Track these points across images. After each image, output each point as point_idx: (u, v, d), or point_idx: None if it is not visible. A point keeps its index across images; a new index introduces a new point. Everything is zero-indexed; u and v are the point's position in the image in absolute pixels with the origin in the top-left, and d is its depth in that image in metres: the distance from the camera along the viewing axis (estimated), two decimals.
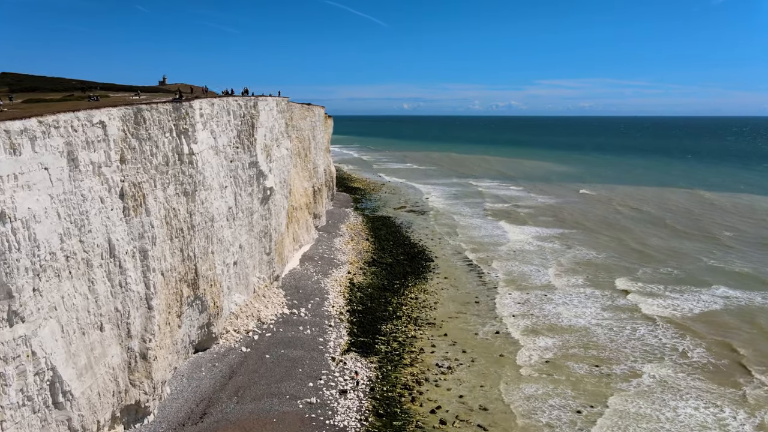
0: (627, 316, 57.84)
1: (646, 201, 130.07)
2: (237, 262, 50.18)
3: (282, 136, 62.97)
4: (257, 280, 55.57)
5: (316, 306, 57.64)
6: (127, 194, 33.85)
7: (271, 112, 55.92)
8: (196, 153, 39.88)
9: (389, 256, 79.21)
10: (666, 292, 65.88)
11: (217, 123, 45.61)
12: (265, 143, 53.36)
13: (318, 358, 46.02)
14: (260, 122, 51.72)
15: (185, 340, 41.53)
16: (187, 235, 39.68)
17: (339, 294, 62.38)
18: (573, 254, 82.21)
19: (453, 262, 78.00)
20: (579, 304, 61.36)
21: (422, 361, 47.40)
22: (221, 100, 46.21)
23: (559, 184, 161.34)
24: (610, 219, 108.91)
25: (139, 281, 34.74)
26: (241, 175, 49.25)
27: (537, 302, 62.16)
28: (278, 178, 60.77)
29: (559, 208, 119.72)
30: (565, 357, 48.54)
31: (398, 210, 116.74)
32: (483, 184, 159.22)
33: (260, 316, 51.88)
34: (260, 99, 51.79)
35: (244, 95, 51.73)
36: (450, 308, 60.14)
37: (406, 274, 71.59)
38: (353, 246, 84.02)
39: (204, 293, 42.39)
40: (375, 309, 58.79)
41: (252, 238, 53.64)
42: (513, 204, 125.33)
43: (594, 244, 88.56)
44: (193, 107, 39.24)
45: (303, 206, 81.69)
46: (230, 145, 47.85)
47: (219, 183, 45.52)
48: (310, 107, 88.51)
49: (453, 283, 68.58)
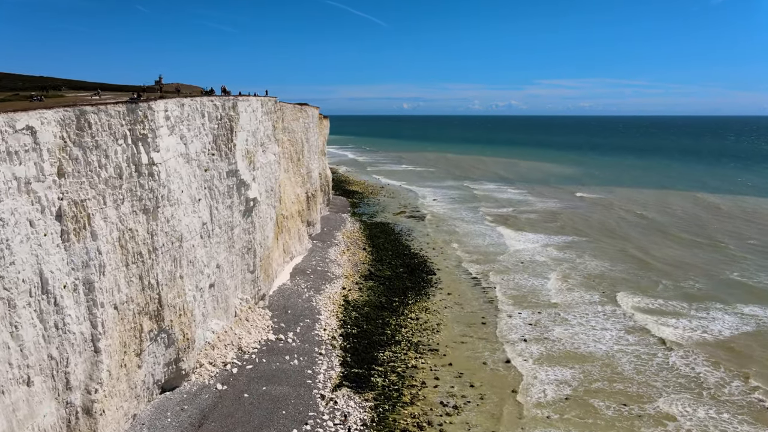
0: (652, 341, 51.41)
1: (647, 205, 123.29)
2: (214, 284, 43.84)
3: (269, 140, 56.61)
4: (239, 303, 49.21)
5: (306, 329, 51.27)
6: (66, 215, 27.48)
7: (255, 114, 49.55)
8: (159, 162, 33.51)
9: (388, 269, 72.81)
10: (691, 311, 59.49)
11: (189, 127, 39.26)
12: (246, 149, 46.99)
13: (305, 396, 39.66)
14: (240, 125, 45.36)
15: (148, 380, 35.17)
16: (147, 259, 33.33)
17: (332, 314, 56.02)
18: (583, 266, 75.82)
19: (456, 275, 71.62)
20: (597, 326, 54.99)
21: (424, 398, 41.02)
22: (193, 100, 39.84)
23: (557, 186, 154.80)
24: (614, 225, 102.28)
25: (83, 320, 28.38)
26: (218, 186, 42.86)
27: (549, 323, 55.82)
28: (264, 187, 54.41)
29: (560, 214, 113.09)
30: (588, 393, 42.12)
31: (397, 215, 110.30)
32: (482, 187, 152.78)
33: (241, 345, 45.48)
34: (240, 99, 45.41)
35: (222, 94, 45.35)
36: (454, 331, 53.77)
37: (406, 289, 65.20)
38: (349, 257, 77.66)
39: (171, 325, 36.04)
40: (371, 332, 52.44)
41: (233, 255, 47.29)
42: (513, 209, 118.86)
43: (603, 254, 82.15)
44: (153, 109, 32.86)
45: (295, 214, 75.33)
46: (205, 151, 41.48)
47: (190, 196, 39.18)
48: (303, 108, 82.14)
49: (457, 300, 62.20)
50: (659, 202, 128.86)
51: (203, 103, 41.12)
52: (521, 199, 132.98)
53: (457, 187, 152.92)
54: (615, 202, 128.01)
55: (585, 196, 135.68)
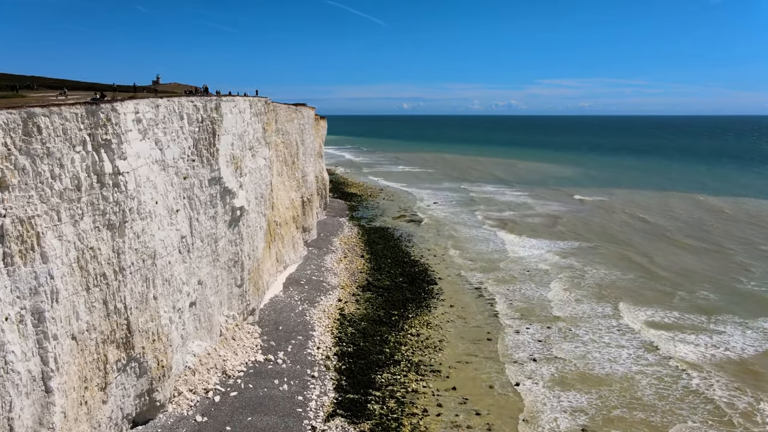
0: (672, 361, 47.20)
1: (649, 208, 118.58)
2: (195, 302, 39.75)
3: (259, 144, 52.52)
4: (225, 320, 45.12)
5: (298, 348, 47.15)
6: (9, 235, 23.38)
7: (242, 116, 45.45)
8: (126, 171, 29.41)
9: (387, 278, 68.68)
10: (709, 325, 55.44)
11: (165, 130, 35.17)
12: (232, 154, 42.88)
13: (294, 428, 35.48)
14: (225, 128, 41.26)
15: (116, 416, 31.05)
16: (113, 281, 29.22)
17: (326, 330, 51.93)
18: (590, 275, 71.64)
19: (458, 285, 67.50)
20: (611, 342, 50.89)
21: (426, 430, 36.94)
22: (170, 101, 35.75)
23: (556, 188, 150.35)
24: (616, 230, 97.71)
25: (31, 355, 24.28)
26: (199, 195, 38.75)
27: (560, 339, 51.74)
28: (253, 194, 50.32)
29: (562, 218, 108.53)
30: (607, 422, 37.95)
31: (397, 220, 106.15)
32: (481, 189, 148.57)
33: (226, 368, 41.36)
34: (224, 100, 41.27)
35: (203, 94, 41.22)
36: (458, 349, 49.66)
37: (406, 301, 61.08)
38: (346, 265, 73.54)
39: (143, 353, 31.94)
40: (369, 350, 48.32)
41: (217, 269, 43.19)
42: (514, 212, 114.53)
43: (609, 261, 77.90)
44: (118, 111, 28.73)
45: (289, 220, 71.25)
46: (184, 157, 37.38)
47: (167, 207, 35.09)
48: (298, 108, 78.04)
49: (460, 313, 58.11)
50: (661, 204, 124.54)
51: (182, 104, 37.01)
52: (521, 201, 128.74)
53: (456, 189, 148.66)
54: (616, 205, 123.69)
55: (585, 199, 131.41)
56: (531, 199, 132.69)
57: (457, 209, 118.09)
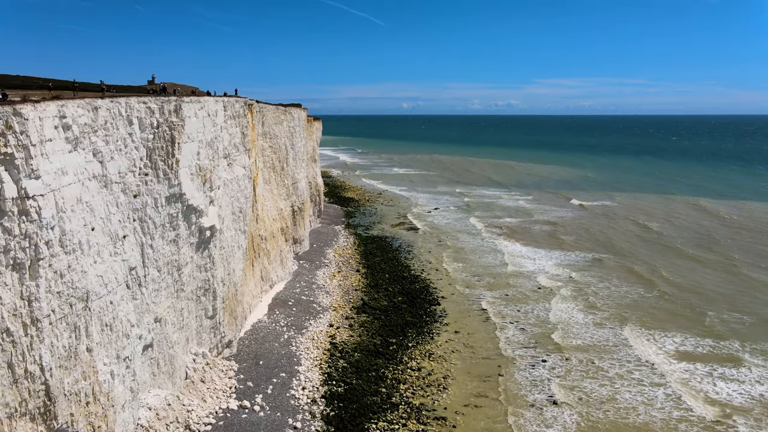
0: (719, 405, 40.05)
1: (652, 215, 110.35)
2: (152, 343, 32.70)
3: (237, 151, 45.46)
4: (193, 359, 38.07)
5: (280, 389, 40.13)
6: None
7: (212, 119, 38.38)
8: (40, 194, 22.40)
9: (384, 297, 61.62)
10: (745, 355, 48.25)
11: (108, 138, 28.12)
12: (198, 164, 35.80)
13: None
14: (187, 134, 34.19)
15: None
16: (22, 337, 22.21)
17: (314, 364, 44.87)
18: (607, 293, 64.40)
19: (464, 305, 60.42)
20: (643, 379, 43.75)
21: None
22: (114, 102, 28.66)
23: (555, 192, 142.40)
24: (623, 241, 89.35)
25: None
26: (154, 216, 31.69)
27: (582, 373, 44.71)
28: (229, 209, 43.27)
29: (564, 225, 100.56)
30: None
31: (396, 227, 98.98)
32: (481, 193, 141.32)
33: (190, 421, 34.29)
34: (187, 100, 34.14)
35: (159, 93, 34.11)
36: (466, 387, 42.61)
37: (406, 326, 54.02)
38: (340, 281, 66.49)
39: (71, 421, 24.88)
40: (362, 390, 41.28)
41: (182, 301, 36.14)
42: (517, 219, 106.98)
43: (624, 277, 70.38)
44: (24, 115, 21.69)
45: (277, 233, 64.22)
46: (134, 171, 30.32)
47: (110, 233, 28.03)
48: (288, 109, 70.97)
49: (467, 341, 51.07)
50: (664, 210, 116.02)
51: (131, 105, 29.91)
52: (522, 207, 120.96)
53: (455, 193, 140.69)
54: (618, 211, 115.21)
55: (585, 204, 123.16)
56: (531, 204, 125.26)
57: (457, 216, 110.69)
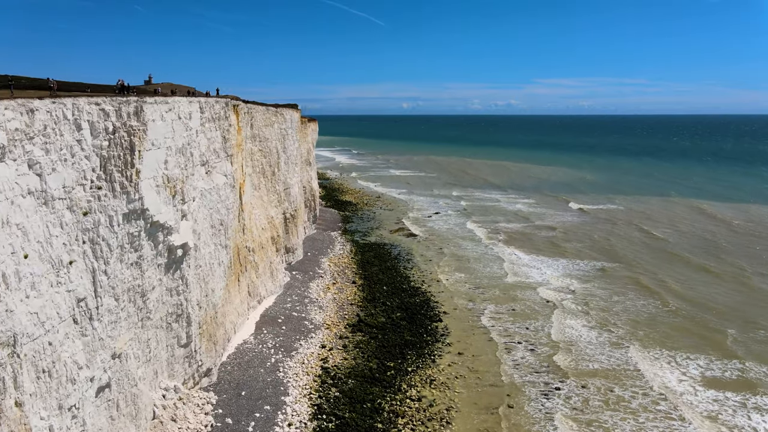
0: None
1: (656, 221, 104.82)
2: (110, 383, 28.00)
3: (216, 157, 40.75)
4: (163, 396, 33.37)
5: (263, 426, 35.36)
6: None
7: (185, 123, 33.67)
8: None
9: (382, 313, 56.90)
10: None
11: (48, 147, 23.45)
12: (166, 175, 31.08)
13: None
14: (151, 141, 29.46)
15: None
16: None
17: (303, 394, 40.15)
18: (620, 308, 59.30)
19: (467, 322, 55.67)
20: (671, 412, 38.92)
21: None
22: (57, 103, 23.95)
23: (554, 195, 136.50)
24: (629, 249, 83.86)
25: None
26: (109, 237, 26.95)
27: (601, 404, 40.01)
28: (207, 223, 38.57)
29: (567, 231, 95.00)
30: None
31: (394, 234, 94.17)
32: (479, 197, 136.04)
33: None
34: (150, 101, 29.36)
35: (118, 93, 29.38)
36: (472, 421, 37.85)
37: (405, 346, 49.29)
38: (334, 294, 61.78)
39: None
40: (356, 425, 36.54)
41: (149, 331, 31.43)
42: (519, 224, 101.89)
43: (636, 290, 64.79)
44: None
45: (267, 243, 59.54)
46: (84, 185, 25.63)
47: (50, 260, 23.37)
48: (279, 110, 66.27)
49: (471, 364, 46.32)
50: (666, 215, 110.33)
51: (79, 107, 25.19)
52: (523, 211, 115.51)
53: (455, 197, 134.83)
54: (620, 216, 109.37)
55: (586, 209, 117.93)
56: (531, 207, 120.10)
57: (456, 221, 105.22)
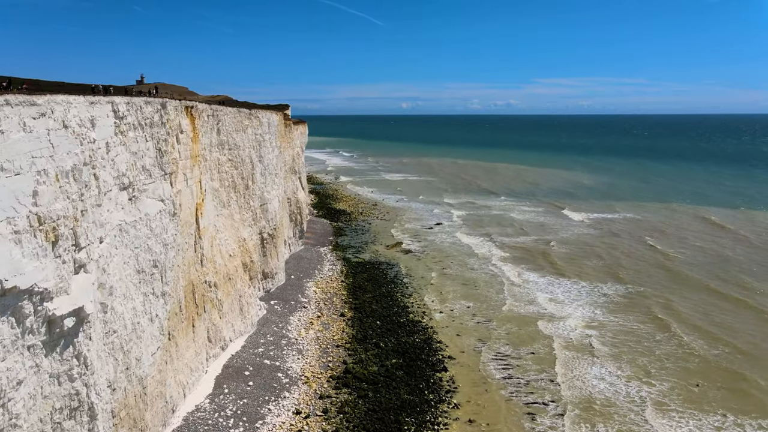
0: None
1: (659, 233, 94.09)
2: None
3: (149, 177, 30.08)
4: None
5: None
6: None
7: (80, 133, 23.04)
8: None
9: (374, 358, 46.14)
10: None
11: None
12: (36, 213, 20.36)
13: None
14: (1, 163, 18.86)
15: None
16: None
17: None
18: (662, 351, 48.43)
19: (479, 372, 44.86)
20: None
21: None
22: None
23: (552, 202, 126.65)
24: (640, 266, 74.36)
25: None
26: None
27: None
28: (132, 268, 27.91)
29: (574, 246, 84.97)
30: None
31: (391, 249, 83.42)
32: (488, 204, 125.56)
33: None
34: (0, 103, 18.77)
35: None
36: None
37: (402, 409, 38.48)
38: (318, 332, 51.17)
39: None
40: None
41: None
42: (523, 238, 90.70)
43: (672, 326, 54.25)
44: None
45: (235, 273, 48.97)
46: None
47: None
48: (254, 113, 55.65)
49: None
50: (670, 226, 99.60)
51: None
52: (527, 221, 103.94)
53: (455, 205, 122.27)
54: (622, 227, 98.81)
55: (586, 220, 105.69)
56: (535, 217, 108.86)
57: (457, 234, 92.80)
